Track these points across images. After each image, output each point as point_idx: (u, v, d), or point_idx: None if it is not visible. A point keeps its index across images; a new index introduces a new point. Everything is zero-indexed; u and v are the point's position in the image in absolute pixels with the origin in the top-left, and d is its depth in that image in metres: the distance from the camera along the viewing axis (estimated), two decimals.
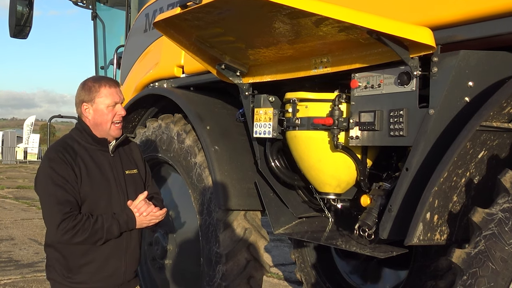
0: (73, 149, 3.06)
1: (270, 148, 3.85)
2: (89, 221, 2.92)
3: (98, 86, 3.08)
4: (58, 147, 3.09)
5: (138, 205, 3.08)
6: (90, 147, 3.11)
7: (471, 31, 2.64)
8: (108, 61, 7.16)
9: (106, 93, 3.07)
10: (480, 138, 2.53)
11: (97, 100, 3.07)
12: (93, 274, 3.05)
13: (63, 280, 3.06)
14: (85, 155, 3.07)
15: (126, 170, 3.21)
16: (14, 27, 6.42)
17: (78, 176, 2.99)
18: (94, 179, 3.04)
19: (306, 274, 5.51)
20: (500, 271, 2.28)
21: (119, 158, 3.21)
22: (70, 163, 2.99)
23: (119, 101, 3.11)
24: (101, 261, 3.05)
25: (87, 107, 3.09)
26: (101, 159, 3.11)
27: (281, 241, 9.80)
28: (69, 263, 3.04)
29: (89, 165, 3.05)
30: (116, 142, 3.18)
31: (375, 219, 3.06)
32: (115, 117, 3.09)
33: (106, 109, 3.07)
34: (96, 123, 3.10)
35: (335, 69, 3.22)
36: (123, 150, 3.28)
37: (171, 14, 3.22)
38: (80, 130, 3.14)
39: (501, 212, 2.30)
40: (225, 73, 3.78)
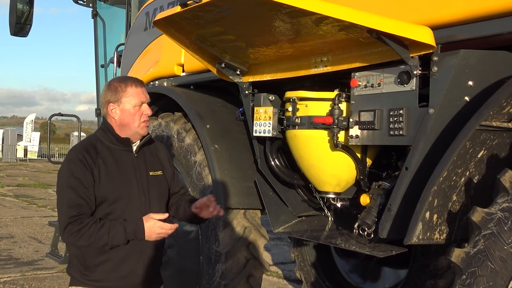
0: (96, 149, 3.06)
1: (270, 147, 3.85)
2: (94, 226, 2.90)
3: (124, 86, 3.08)
4: (80, 147, 3.10)
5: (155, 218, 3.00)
6: (114, 147, 3.10)
7: (471, 31, 2.64)
8: (109, 59, 7.15)
9: (132, 92, 3.07)
10: (480, 137, 2.53)
11: (124, 100, 3.07)
12: (109, 273, 3.05)
13: (80, 277, 3.08)
14: (107, 156, 3.06)
15: (150, 171, 3.18)
16: (15, 25, 6.42)
17: (97, 177, 2.99)
18: (114, 180, 3.03)
19: (305, 273, 5.51)
20: (499, 271, 2.28)
21: (143, 159, 3.19)
22: (89, 165, 2.99)
23: (145, 100, 3.11)
24: (117, 261, 3.04)
25: (113, 107, 3.09)
26: (124, 160, 3.10)
27: (281, 240, 9.81)
28: (86, 261, 3.05)
29: (110, 165, 3.05)
30: (140, 142, 3.17)
31: (374, 218, 3.06)
32: (142, 116, 3.09)
33: (133, 109, 3.07)
34: (123, 123, 3.10)
35: (335, 68, 3.22)
36: (148, 150, 3.26)
37: (172, 12, 3.22)
38: (104, 130, 3.15)
39: (500, 211, 2.30)
40: (225, 71, 3.79)
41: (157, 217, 2.97)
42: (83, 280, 3.08)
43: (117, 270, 3.06)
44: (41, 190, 19.08)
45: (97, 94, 7.47)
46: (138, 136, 3.14)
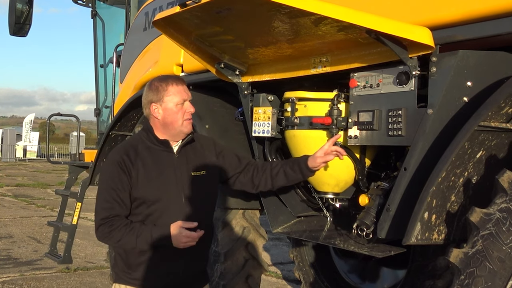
0: (136, 151, 3.08)
1: (269, 147, 3.85)
2: (124, 229, 2.96)
3: (165, 85, 3.10)
4: (121, 149, 3.13)
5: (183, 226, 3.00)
6: (155, 148, 3.11)
7: (470, 31, 2.64)
8: (108, 59, 7.16)
9: (174, 91, 3.08)
10: (479, 138, 2.53)
11: (166, 99, 3.08)
12: (151, 272, 3.07)
13: (123, 275, 3.13)
14: (147, 157, 3.08)
15: (193, 172, 3.17)
16: (14, 25, 6.43)
17: (135, 179, 3.01)
18: (153, 181, 3.04)
19: (304, 273, 5.52)
20: (498, 271, 2.28)
21: (185, 159, 3.17)
22: (128, 167, 3.02)
23: (187, 98, 3.11)
24: (159, 260, 3.06)
25: (156, 107, 3.10)
26: (164, 160, 3.11)
27: (280, 240, 9.81)
28: (129, 260, 3.10)
29: (150, 167, 3.06)
30: (182, 142, 3.17)
31: (373, 219, 3.06)
32: (185, 114, 3.10)
33: (175, 107, 3.08)
34: (166, 122, 3.10)
35: (334, 68, 3.22)
36: (191, 150, 3.24)
37: (171, 12, 3.22)
38: (145, 130, 3.17)
39: (498, 212, 2.30)
40: (224, 72, 3.79)
41: (185, 226, 2.97)
42: (126, 278, 3.12)
43: (160, 269, 3.08)
44: (40, 190, 19.09)
45: (97, 94, 7.48)
46: (182, 135, 3.14)
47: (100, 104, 7.37)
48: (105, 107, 7.27)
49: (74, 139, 39.50)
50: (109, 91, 6.93)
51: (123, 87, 5.95)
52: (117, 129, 5.42)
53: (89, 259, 8.43)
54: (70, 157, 8.03)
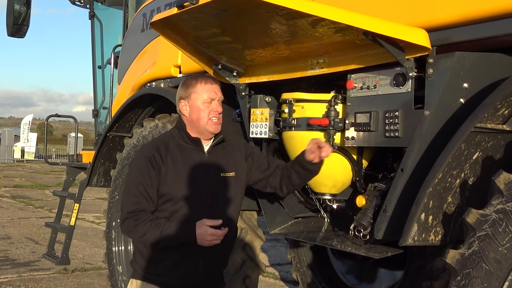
0: (167, 147, 3.09)
1: (267, 148, 3.85)
2: (149, 224, 2.96)
3: (194, 82, 3.12)
4: (152, 144, 3.16)
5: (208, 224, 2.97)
6: (186, 146, 3.12)
7: (466, 33, 2.65)
8: (106, 60, 7.15)
9: (202, 89, 3.09)
10: (475, 139, 2.54)
11: (193, 96, 3.10)
12: (170, 269, 3.08)
13: (141, 271, 3.14)
14: (177, 154, 3.09)
15: (222, 173, 3.16)
16: (12, 26, 6.42)
17: (164, 175, 3.02)
18: (182, 179, 3.05)
19: (302, 274, 5.52)
20: (494, 272, 2.29)
21: (216, 160, 3.17)
22: (157, 163, 3.03)
23: (215, 97, 3.10)
24: (180, 258, 3.06)
25: (184, 104, 3.14)
26: (194, 159, 3.11)
27: (278, 241, 9.81)
28: (149, 256, 3.10)
29: (179, 164, 3.06)
30: (212, 142, 3.17)
31: (370, 220, 3.07)
32: (211, 113, 3.09)
33: (202, 105, 3.08)
34: (193, 119, 3.11)
35: (331, 70, 3.23)
36: (222, 151, 3.23)
37: (168, 14, 3.23)
38: (178, 128, 3.19)
39: (495, 213, 2.31)
40: (222, 73, 3.79)
41: (209, 223, 2.95)
42: (144, 274, 3.13)
43: (179, 267, 3.08)
44: (38, 191, 19.07)
45: (94, 95, 7.47)
46: (208, 134, 3.14)
47: (98, 105, 7.36)
48: (103, 108, 7.26)
49: (72, 140, 39.45)
50: (107, 92, 6.93)
51: (121, 88, 5.95)
52: (115, 130, 5.42)
53: (87, 260, 8.42)
54: (68, 158, 8.11)
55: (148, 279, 3.12)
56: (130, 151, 5.01)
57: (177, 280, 3.11)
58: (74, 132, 7.52)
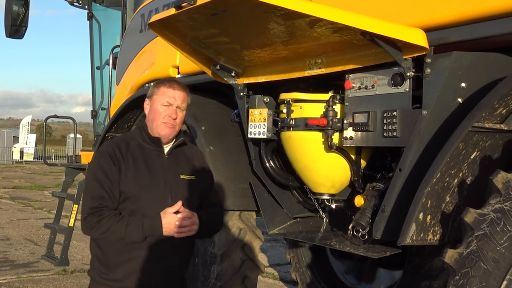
0: (127, 146, 3.10)
1: (265, 148, 3.85)
2: (114, 219, 2.93)
3: (160, 84, 3.16)
4: (113, 142, 3.15)
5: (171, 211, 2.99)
6: (147, 147, 3.13)
7: (463, 33, 2.65)
8: (104, 61, 7.15)
9: (163, 91, 3.11)
10: (473, 139, 2.55)
11: (155, 97, 3.13)
12: (129, 274, 3.04)
13: (99, 278, 3.09)
14: (137, 154, 3.09)
15: (181, 175, 3.17)
16: (10, 27, 6.42)
17: (124, 173, 3.02)
18: (141, 178, 3.05)
19: (301, 274, 5.52)
20: (492, 271, 2.29)
21: (176, 162, 3.18)
22: (118, 160, 3.03)
23: (173, 103, 3.10)
24: (138, 261, 3.03)
25: (147, 103, 3.18)
26: (154, 160, 3.11)
27: (277, 241, 9.81)
28: (107, 260, 3.07)
29: (139, 164, 3.07)
30: (173, 144, 3.18)
31: (368, 219, 3.07)
32: (165, 117, 3.09)
33: (159, 107, 3.10)
34: (149, 119, 3.15)
35: (329, 70, 3.23)
36: (183, 154, 3.25)
37: (166, 14, 3.23)
38: (140, 128, 3.21)
39: (493, 212, 2.32)
40: (220, 73, 3.79)
41: (172, 210, 2.96)
42: (103, 280, 3.08)
43: (138, 271, 3.05)
44: (37, 192, 19.06)
45: (93, 96, 7.47)
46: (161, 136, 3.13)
47: (97, 106, 7.37)
48: (101, 109, 7.26)
49: (71, 141, 39.42)
50: (106, 93, 6.93)
51: (119, 89, 5.95)
52: (114, 131, 5.42)
53: (86, 261, 8.42)
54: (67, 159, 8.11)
55: (108, 285, 3.07)
56: None
57: (138, 283, 3.06)
58: (73, 133, 7.52)
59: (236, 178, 4.12)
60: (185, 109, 3.20)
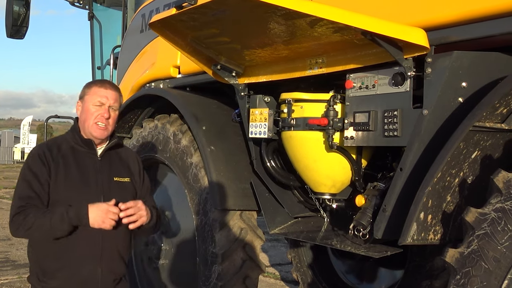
0: (59, 148, 3.05)
1: (266, 148, 3.86)
2: (38, 213, 2.87)
3: (93, 84, 3.12)
4: (44, 144, 3.12)
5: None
6: (79, 149, 3.08)
7: (464, 32, 2.65)
8: (105, 61, 7.15)
9: (95, 91, 3.07)
10: (474, 138, 2.55)
11: (86, 97, 3.08)
12: (67, 279, 2.98)
13: (38, 284, 3.02)
14: (69, 156, 3.05)
15: (115, 177, 3.13)
16: (11, 27, 6.42)
17: (54, 175, 2.97)
18: (72, 181, 3.00)
19: (302, 274, 5.52)
20: (493, 271, 2.29)
21: (109, 164, 3.14)
22: (48, 160, 2.98)
23: (105, 102, 3.05)
24: (75, 266, 2.96)
25: (79, 104, 3.13)
26: (86, 162, 3.07)
27: (278, 241, 9.81)
28: (45, 267, 3.00)
29: (71, 166, 3.02)
30: (106, 146, 3.14)
31: (369, 219, 3.08)
32: (97, 117, 3.04)
33: (91, 107, 3.05)
34: (81, 120, 3.10)
35: (330, 69, 3.23)
36: (117, 156, 3.21)
37: (167, 14, 3.23)
38: (72, 130, 3.14)
39: (493, 211, 2.32)
40: (221, 73, 3.79)
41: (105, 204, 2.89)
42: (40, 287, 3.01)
43: (75, 276, 2.98)
44: None
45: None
46: (93, 138, 3.08)
47: None
48: None
49: None
50: None
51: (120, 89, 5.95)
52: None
53: None
54: None
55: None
56: None
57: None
58: None
59: (237, 178, 4.12)
60: (118, 110, 3.14)
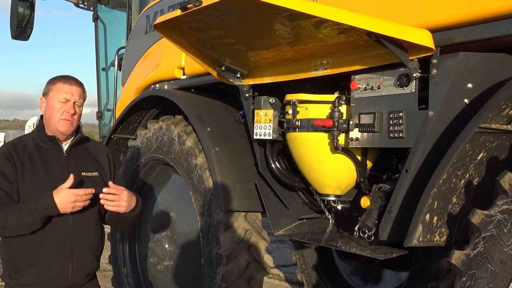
0: (24, 147, 3.05)
1: (271, 149, 3.85)
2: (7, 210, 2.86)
3: (56, 81, 3.10)
4: (9, 144, 3.10)
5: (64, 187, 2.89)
6: (44, 146, 3.08)
7: (470, 33, 2.64)
8: (109, 62, 7.17)
9: (59, 87, 3.06)
10: (479, 139, 2.54)
11: (50, 93, 3.08)
12: (37, 276, 2.98)
13: (10, 282, 3.03)
14: (35, 154, 3.04)
15: (83, 172, 3.12)
16: (16, 28, 6.44)
17: (21, 173, 2.97)
18: (40, 178, 2.99)
19: (307, 275, 5.52)
20: (499, 273, 2.28)
21: (76, 159, 3.14)
22: (14, 160, 2.98)
23: (70, 98, 3.05)
24: (45, 263, 2.97)
25: (43, 100, 3.12)
26: (52, 159, 3.07)
27: (282, 242, 9.80)
28: (15, 264, 3.01)
29: (36, 164, 3.02)
30: (71, 141, 3.14)
31: (375, 221, 3.07)
32: (63, 113, 3.04)
33: (56, 103, 3.04)
34: (46, 117, 3.10)
35: (335, 71, 3.22)
36: (84, 151, 3.21)
37: (172, 16, 3.23)
38: (37, 128, 3.14)
39: (500, 213, 2.31)
40: (226, 74, 3.79)
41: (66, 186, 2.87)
42: (13, 285, 3.02)
43: (46, 273, 2.99)
44: None
45: (98, 97, 7.49)
46: (59, 134, 3.08)
47: (102, 107, 7.38)
48: (107, 110, 7.28)
49: None
50: (111, 94, 6.94)
51: (124, 90, 5.96)
52: (119, 132, 5.43)
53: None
54: None
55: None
56: (134, 153, 5.02)
57: (47, 286, 3.02)
58: None
59: (242, 179, 4.11)
60: (82, 105, 3.14)
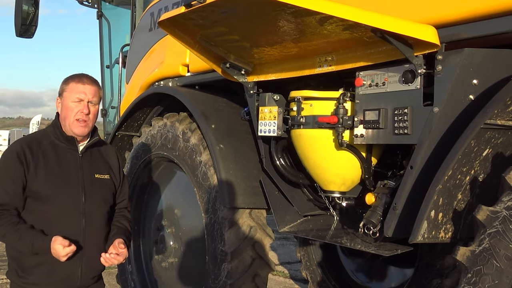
0: (39, 144, 3.04)
1: (275, 146, 3.85)
2: (10, 227, 2.87)
3: (69, 80, 3.09)
4: (23, 140, 3.09)
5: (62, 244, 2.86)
6: (60, 145, 3.08)
7: (475, 29, 2.64)
8: (114, 60, 7.17)
9: (72, 87, 3.05)
10: (485, 136, 2.53)
11: (65, 94, 3.07)
12: (45, 276, 2.98)
13: (17, 280, 3.03)
14: (50, 152, 3.04)
15: (96, 174, 3.13)
16: (20, 26, 6.45)
17: (33, 172, 2.95)
18: (52, 177, 2.99)
19: (311, 272, 5.52)
20: (505, 269, 2.28)
21: (90, 160, 3.15)
22: (26, 158, 2.96)
23: (84, 98, 3.04)
24: (54, 263, 2.94)
25: (59, 101, 3.12)
26: (67, 158, 3.07)
27: (287, 239, 9.80)
28: (23, 263, 3.00)
29: (51, 162, 3.01)
30: (87, 143, 3.14)
31: (379, 217, 3.07)
32: (77, 114, 3.03)
33: (70, 104, 3.04)
34: (62, 117, 3.09)
35: (340, 67, 3.22)
36: (98, 153, 3.22)
37: (176, 13, 3.23)
38: (53, 126, 3.13)
39: (505, 210, 2.30)
40: (230, 71, 3.79)
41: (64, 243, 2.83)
42: (20, 283, 3.02)
43: (54, 273, 2.98)
44: None
45: (103, 95, 7.49)
46: (75, 135, 3.08)
47: (106, 104, 7.39)
48: (111, 107, 7.29)
49: None
50: (115, 92, 6.95)
51: (129, 88, 5.97)
52: (124, 130, 5.44)
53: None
54: None
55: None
56: (139, 150, 5.03)
57: (55, 286, 3.02)
58: None
59: (247, 176, 4.12)
60: (98, 104, 3.13)
